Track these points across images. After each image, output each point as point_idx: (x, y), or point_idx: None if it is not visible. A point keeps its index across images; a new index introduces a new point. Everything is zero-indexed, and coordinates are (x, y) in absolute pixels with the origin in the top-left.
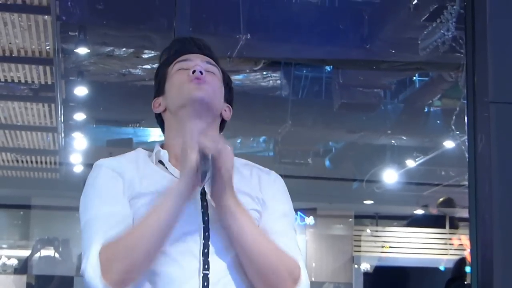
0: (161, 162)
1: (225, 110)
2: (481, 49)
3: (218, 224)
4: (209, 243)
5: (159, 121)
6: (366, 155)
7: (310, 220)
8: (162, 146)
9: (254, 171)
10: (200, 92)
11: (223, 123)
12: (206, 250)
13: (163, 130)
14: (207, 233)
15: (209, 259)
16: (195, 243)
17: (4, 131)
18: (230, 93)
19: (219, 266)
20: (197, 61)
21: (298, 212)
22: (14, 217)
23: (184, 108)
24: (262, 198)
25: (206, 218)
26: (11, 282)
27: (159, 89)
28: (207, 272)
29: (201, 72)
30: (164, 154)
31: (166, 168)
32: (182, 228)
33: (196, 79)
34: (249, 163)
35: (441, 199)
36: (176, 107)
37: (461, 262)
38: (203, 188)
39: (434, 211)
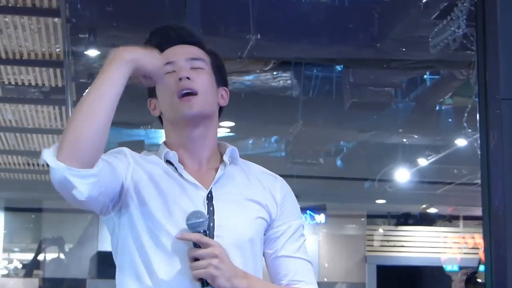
0: (169, 162)
1: (221, 97)
2: (492, 46)
3: (222, 229)
4: None
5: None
6: (377, 154)
7: (322, 219)
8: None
9: (259, 175)
10: (191, 110)
11: (221, 110)
12: None
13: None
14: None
15: None
16: None
17: (15, 134)
18: (223, 75)
19: None
20: (181, 63)
21: (308, 211)
22: (25, 220)
23: (179, 122)
24: (272, 206)
25: (211, 224)
26: (22, 285)
27: (152, 90)
28: None
29: (188, 78)
30: (173, 156)
31: (176, 169)
32: (183, 228)
33: (184, 94)
34: (252, 165)
35: None
36: (170, 120)
37: None
38: (210, 192)
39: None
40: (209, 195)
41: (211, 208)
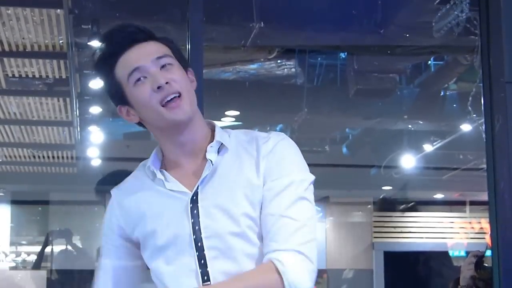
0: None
1: (191, 81)
2: (496, 29)
3: (210, 229)
4: (204, 253)
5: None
6: (383, 141)
7: (328, 207)
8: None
9: (250, 146)
10: (184, 114)
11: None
12: (202, 261)
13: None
14: (200, 244)
15: (207, 269)
16: (191, 256)
17: (20, 127)
18: (183, 56)
19: (219, 272)
20: (150, 67)
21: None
22: (32, 213)
23: (170, 127)
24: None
25: (197, 227)
26: (30, 277)
27: (119, 98)
28: (208, 282)
29: (167, 83)
30: (157, 172)
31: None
32: (173, 242)
33: (167, 101)
34: (243, 136)
35: None
36: (157, 127)
37: None
38: (196, 193)
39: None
40: (194, 197)
41: (195, 211)
